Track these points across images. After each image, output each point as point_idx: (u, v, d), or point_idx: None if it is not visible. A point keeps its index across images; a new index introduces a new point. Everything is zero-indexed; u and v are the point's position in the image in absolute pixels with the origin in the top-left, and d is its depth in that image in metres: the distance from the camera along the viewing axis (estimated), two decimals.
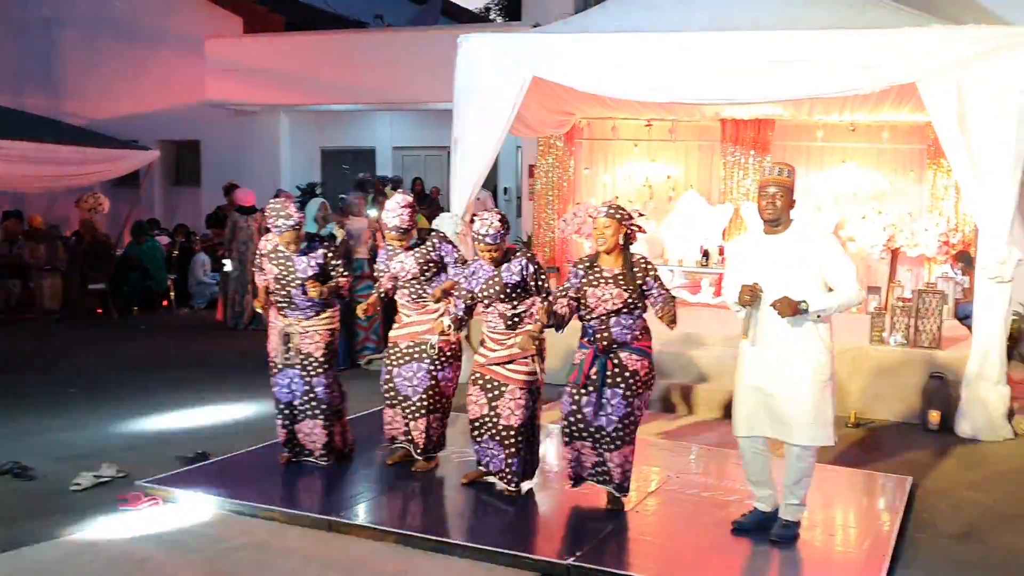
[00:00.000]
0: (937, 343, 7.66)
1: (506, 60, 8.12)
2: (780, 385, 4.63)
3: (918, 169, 10.22)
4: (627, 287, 4.93)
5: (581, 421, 5.04)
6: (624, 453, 5.05)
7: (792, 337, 4.59)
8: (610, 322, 4.96)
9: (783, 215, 4.67)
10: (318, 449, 5.84)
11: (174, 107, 16.45)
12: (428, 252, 5.67)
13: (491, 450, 5.36)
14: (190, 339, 11.11)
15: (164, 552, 4.65)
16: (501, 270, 5.24)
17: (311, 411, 5.80)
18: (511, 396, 5.26)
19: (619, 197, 11.00)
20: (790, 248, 4.62)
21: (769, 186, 4.65)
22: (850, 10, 7.86)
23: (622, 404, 4.99)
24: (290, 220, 5.57)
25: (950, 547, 4.91)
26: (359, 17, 19.36)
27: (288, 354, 5.76)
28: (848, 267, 4.58)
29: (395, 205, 5.56)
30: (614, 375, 4.98)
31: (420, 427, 5.73)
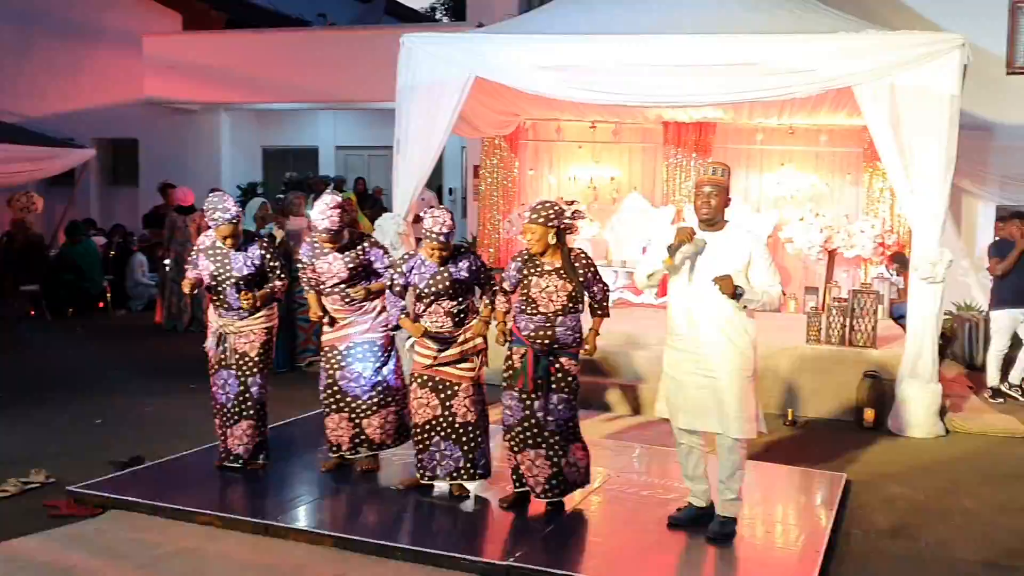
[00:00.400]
0: (872, 342, 7.81)
1: (449, 60, 8.10)
2: (711, 379, 4.72)
3: (855, 172, 10.42)
4: (570, 280, 4.93)
5: (535, 426, 4.99)
6: (578, 448, 5.11)
7: (719, 332, 4.69)
8: (556, 321, 4.94)
9: (718, 214, 4.76)
10: (249, 451, 5.72)
11: (111, 105, 16.10)
12: (358, 256, 5.58)
13: (443, 452, 5.28)
14: (126, 341, 10.90)
15: (95, 559, 4.54)
16: (449, 267, 5.18)
17: (244, 411, 5.69)
18: (465, 394, 5.24)
19: (563, 197, 11.06)
20: (722, 246, 4.73)
21: (704, 185, 4.75)
22: (789, 15, 7.98)
23: (567, 409, 5.02)
24: (227, 213, 5.45)
25: (883, 542, 5.01)
26: (302, 15, 19.18)
27: (223, 354, 5.66)
28: (774, 270, 4.75)
29: (324, 207, 5.42)
30: (558, 379, 4.98)
31: (374, 424, 5.67)
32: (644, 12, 8.16)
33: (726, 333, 4.70)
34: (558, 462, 5.01)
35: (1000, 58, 10.39)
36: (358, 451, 5.75)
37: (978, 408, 7.95)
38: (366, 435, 5.70)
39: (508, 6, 12.67)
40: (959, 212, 10.61)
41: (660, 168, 10.97)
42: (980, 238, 10.68)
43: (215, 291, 5.63)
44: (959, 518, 5.43)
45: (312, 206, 8.81)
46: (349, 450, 5.75)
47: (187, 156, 15.88)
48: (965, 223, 10.79)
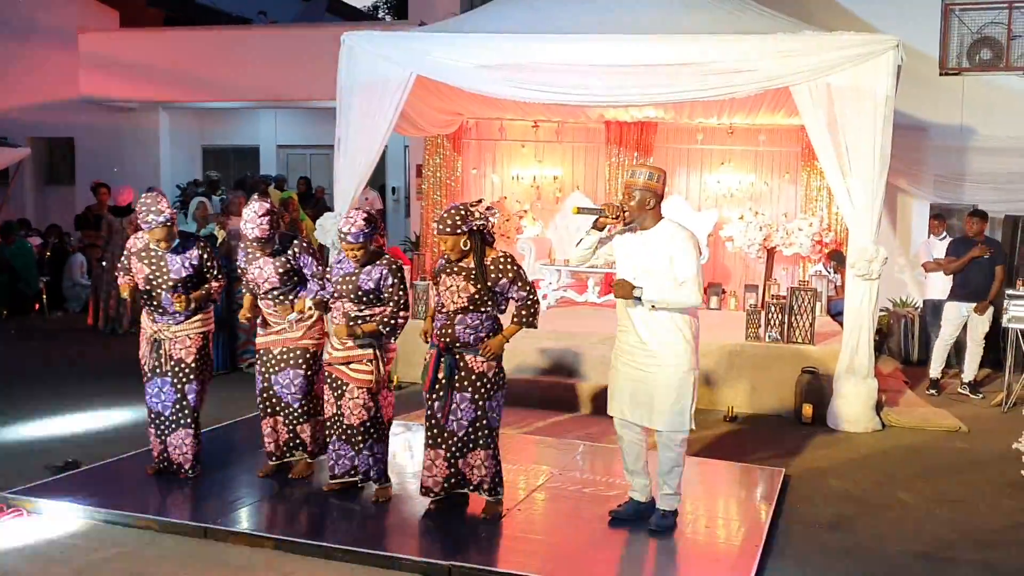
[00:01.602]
0: (810, 339, 7.95)
1: (389, 59, 8.07)
2: (646, 373, 4.77)
3: (793, 171, 10.60)
4: (476, 283, 4.83)
5: (436, 426, 4.99)
6: (480, 456, 4.99)
7: (655, 327, 4.74)
8: (455, 319, 4.88)
9: (638, 215, 4.76)
10: (188, 461, 5.56)
11: (46, 103, 15.73)
12: (288, 262, 5.43)
13: (338, 451, 5.31)
14: (62, 343, 10.66)
15: (28, 565, 4.44)
16: (361, 272, 5.12)
17: (182, 419, 5.53)
18: (351, 396, 5.21)
19: (507, 197, 11.09)
20: (649, 245, 4.77)
21: (628, 187, 4.79)
22: (728, 16, 8.09)
23: (471, 408, 4.94)
24: (161, 216, 5.25)
25: (821, 536, 5.09)
26: (242, 13, 18.98)
27: (158, 361, 5.49)
28: (690, 266, 4.66)
29: (253, 215, 5.24)
30: (461, 379, 4.93)
31: (307, 431, 5.62)
32: (586, 12, 8.21)
33: (656, 328, 4.73)
34: (456, 463, 4.98)
35: (933, 59, 10.65)
36: (292, 454, 5.68)
37: (913, 403, 8.14)
38: (301, 439, 5.64)
39: (451, 5, 12.68)
40: (894, 210, 10.87)
41: (603, 167, 11.05)
42: (915, 236, 10.94)
43: (149, 295, 5.44)
44: (895, 511, 5.54)
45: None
46: (283, 454, 5.67)
47: (125, 155, 15.58)
48: (900, 221, 11.05)
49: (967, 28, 10.63)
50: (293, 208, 11.05)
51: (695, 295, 4.68)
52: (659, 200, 4.79)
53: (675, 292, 4.67)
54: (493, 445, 5.03)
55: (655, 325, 4.73)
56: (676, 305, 4.70)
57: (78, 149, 16.13)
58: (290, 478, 5.62)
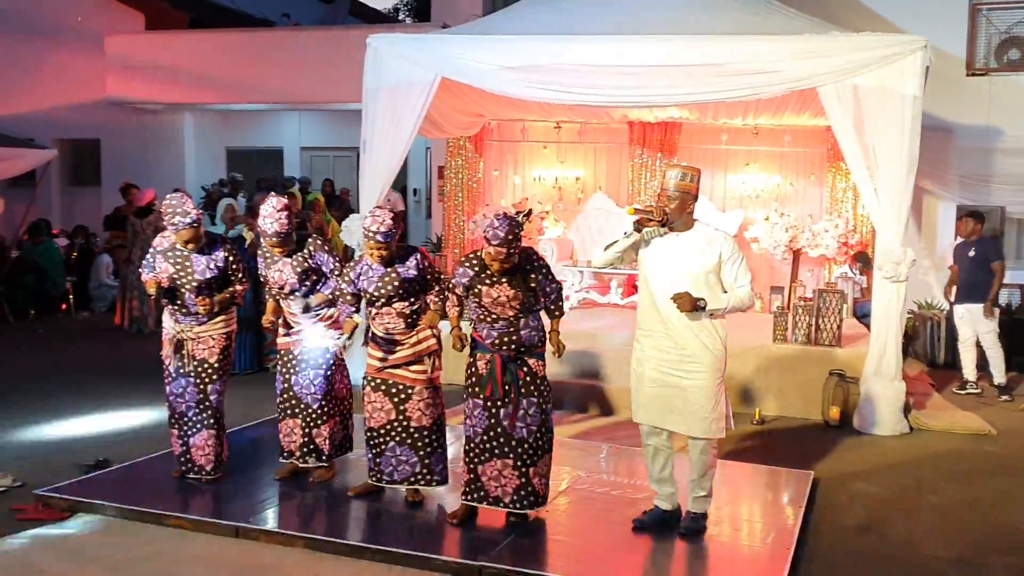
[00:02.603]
0: (837, 341, 7.91)
1: (414, 61, 8.10)
2: (681, 379, 4.71)
3: (818, 172, 10.55)
4: (520, 287, 4.79)
5: (501, 435, 4.85)
6: (546, 462, 4.96)
7: (697, 331, 4.67)
8: (519, 324, 4.83)
9: (677, 217, 4.70)
10: (211, 463, 5.53)
11: (72, 105, 15.87)
12: (304, 260, 5.42)
13: (399, 457, 5.20)
14: (90, 343, 10.76)
15: (63, 563, 4.49)
16: (396, 267, 5.10)
17: (205, 421, 5.51)
18: (419, 397, 5.16)
19: (528, 199, 11.09)
20: (691, 247, 4.69)
21: (666, 190, 4.70)
22: (754, 17, 8.06)
23: (538, 413, 4.88)
24: (187, 217, 5.23)
25: (851, 540, 5.06)
26: (266, 15, 19.05)
27: (181, 362, 5.49)
28: (745, 272, 4.69)
29: (271, 210, 5.23)
30: (527, 384, 4.87)
31: (323, 433, 5.58)
32: (610, 13, 8.21)
33: (696, 333, 4.67)
34: (526, 472, 4.87)
35: (960, 60, 10.57)
36: (307, 460, 5.62)
37: (941, 406, 8.08)
38: (315, 444, 5.59)
39: (473, 7, 12.71)
40: (920, 212, 10.79)
41: (625, 168, 11.03)
42: (940, 237, 10.86)
43: (173, 294, 5.42)
44: (926, 515, 5.50)
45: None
46: (299, 458, 5.63)
47: (150, 157, 15.72)
48: (926, 222, 10.98)
49: (995, 28, 10.55)
50: (319, 210, 11.13)
51: (752, 297, 4.74)
52: (695, 201, 4.73)
53: (734, 297, 4.66)
54: (552, 449, 5.03)
55: (697, 330, 4.67)
56: (736, 310, 4.71)
57: (104, 151, 16.27)
58: (312, 482, 5.59)
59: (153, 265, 5.47)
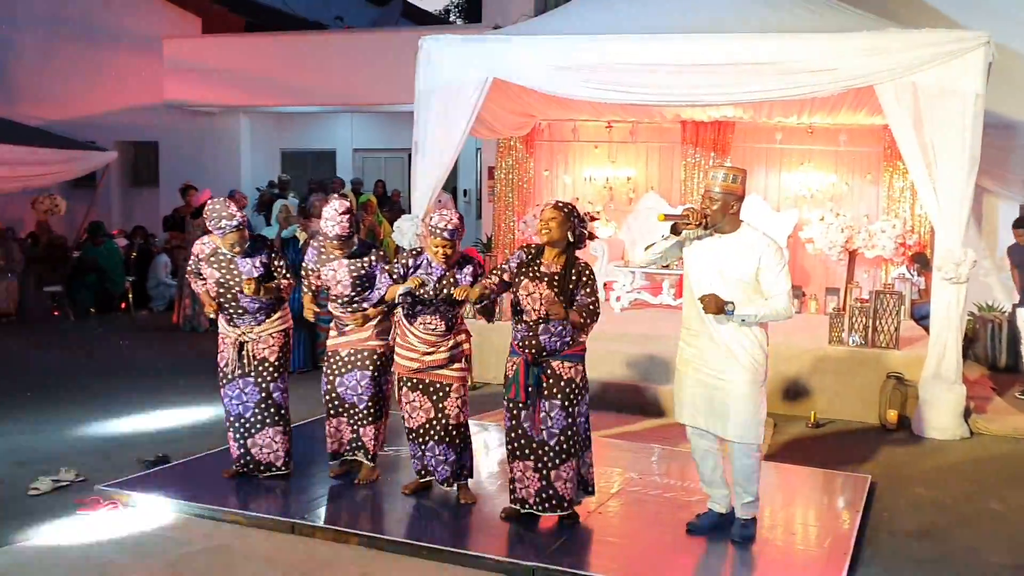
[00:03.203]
0: (894, 343, 7.78)
1: (467, 62, 8.12)
2: (721, 382, 4.66)
3: (875, 171, 10.38)
4: (559, 291, 4.75)
5: (523, 437, 4.88)
6: (571, 467, 4.85)
7: (735, 334, 4.61)
8: (538, 329, 4.79)
9: (720, 219, 4.63)
10: (281, 458, 5.61)
11: (132, 108, 16.22)
12: (363, 267, 5.44)
13: (438, 457, 5.26)
14: (149, 341, 10.97)
15: (124, 557, 4.58)
16: (455, 272, 5.14)
17: (269, 419, 5.57)
18: (457, 395, 5.23)
19: (579, 199, 11.07)
20: (733, 250, 4.62)
21: (709, 191, 4.65)
22: (810, 14, 7.96)
23: (562, 416, 4.81)
24: (233, 220, 5.26)
25: (910, 545, 4.98)
26: (319, 19, 19.28)
27: (242, 363, 5.52)
28: (782, 280, 4.57)
29: (333, 212, 5.26)
30: (550, 386, 4.82)
31: (370, 434, 5.59)
32: (662, 11, 8.16)
33: (734, 338, 4.61)
34: (547, 475, 4.83)
35: (1022, 56, 10.31)
36: (355, 455, 5.65)
37: (1002, 410, 7.90)
38: (363, 442, 5.61)
39: (524, 7, 12.72)
40: (980, 211, 10.56)
41: (678, 168, 10.95)
42: (1001, 238, 10.61)
43: (225, 299, 5.45)
44: (987, 521, 5.39)
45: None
46: (347, 452, 5.66)
47: (207, 158, 15.98)
48: (986, 223, 10.73)
49: None
50: (371, 211, 11.23)
51: (788, 308, 4.57)
52: (740, 202, 4.67)
53: (768, 306, 4.55)
54: (585, 450, 4.97)
55: (736, 333, 4.61)
56: (768, 319, 4.58)
57: (162, 152, 16.58)
58: (357, 483, 5.61)
59: (199, 272, 5.52)
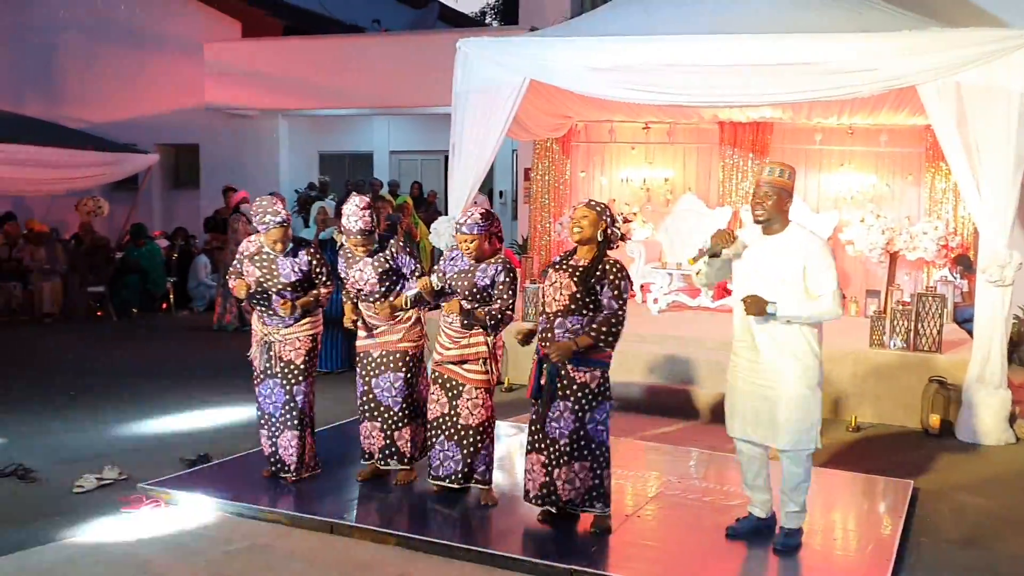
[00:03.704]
0: (937, 347, 7.67)
1: (504, 64, 8.14)
2: (770, 390, 4.57)
3: (916, 172, 10.25)
4: (580, 282, 4.69)
5: (539, 431, 4.88)
6: (575, 469, 4.80)
7: (781, 340, 4.53)
8: (555, 323, 4.75)
9: (773, 216, 4.57)
10: (294, 463, 5.60)
11: (173, 111, 16.44)
12: (386, 261, 5.44)
13: (446, 452, 5.28)
14: (190, 341, 11.11)
15: (166, 555, 4.64)
16: (477, 269, 5.17)
17: (290, 421, 5.58)
18: (469, 396, 5.23)
19: (616, 200, 11.04)
20: (780, 251, 4.55)
21: (761, 186, 4.59)
22: (849, 13, 7.87)
23: (571, 419, 4.77)
24: (278, 216, 5.32)
25: (954, 553, 4.90)
26: (357, 22, 19.38)
27: (268, 363, 5.58)
28: (830, 280, 4.46)
29: (355, 208, 5.28)
30: (563, 387, 4.78)
31: (405, 436, 5.57)
32: (697, 12, 8.11)
33: (783, 342, 4.52)
34: (551, 472, 4.83)
35: None
36: (388, 463, 5.61)
37: None
38: (397, 447, 5.58)
39: (561, 9, 12.72)
40: None
41: (716, 169, 10.89)
42: None
43: (260, 297, 5.51)
44: None
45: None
46: (380, 460, 5.63)
47: (246, 161, 16.15)
48: None
49: None
50: (408, 212, 11.28)
51: (836, 308, 4.46)
52: (791, 199, 4.61)
53: (813, 306, 4.45)
54: (591, 458, 4.83)
55: (782, 339, 4.51)
56: (815, 320, 4.49)
57: (203, 155, 16.78)
58: (395, 484, 5.62)
59: (241, 271, 5.58)
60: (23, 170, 11.97)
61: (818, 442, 4.64)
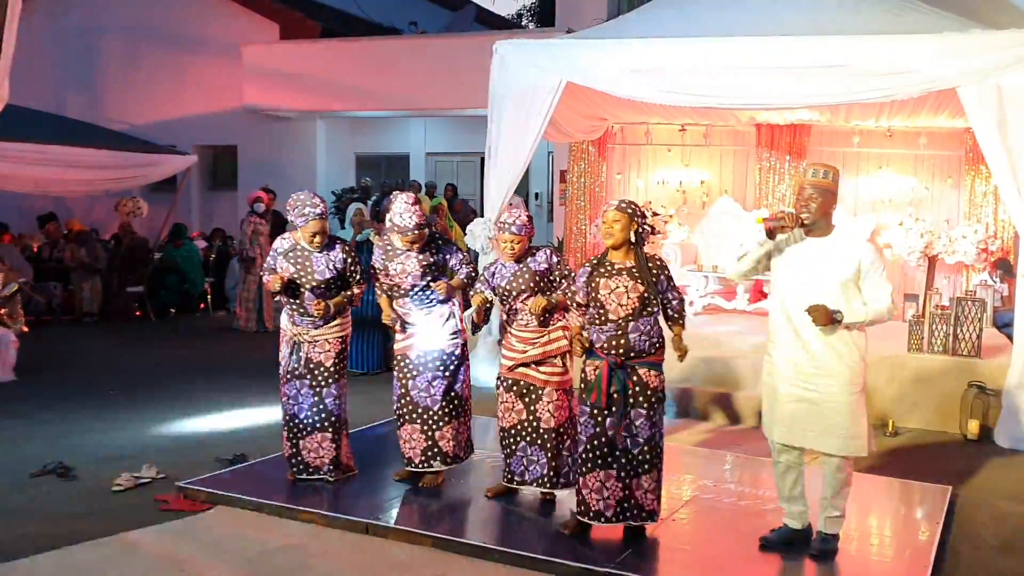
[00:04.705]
0: (976, 351, 7.57)
1: (540, 66, 8.14)
2: (816, 394, 4.51)
3: (956, 175, 10.12)
4: (642, 280, 4.69)
5: (606, 445, 4.70)
6: (653, 478, 4.78)
7: (829, 345, 4.48)
8: (628, 327, 4.66)
9: (819, 218, 4.53)
10: (325, 464, 5.58)
11: (212, 113, 16.62)
12: (432, 255, 5.46)
13: (529, 457, 5.25)
14: (227, 341, 11.22)
15: (202, 553, 4.69)
16: (528, 262, 5.20)
17: (320, 423, 5.56)
18: (549, 399, 5.20)
19: (652, 202, 11.00)
20: (829, 254, 4.50)
21: (805, 188, 4.54)
22: (888, 14, 7.79)
23: (647, 425, 4.71)
24: (317, 208, 5.33)
25: (993, 559, 4.84)
26: (394, 24, 19.46)
27: (296, 364, 5.57)
28: (885, 282, 4.47)
29: (405, 205, 5.29)
30: (635, 394, 4.70)
31: (447, 435, 5.54)
32: (735, 13, 8.06)
33: (832, 344, 4.47)
34: (629, 484, 4.72)
35: None
36: (431, 464, 5.56)
37: None
38: (439, 447, 5.54)
39: (597, 11, 12.70)
40: None
41: (752, 171, 10.81)
42: None
43: (296, 291, 5.48)
44: None
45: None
46: (421, 463, 5.58)
47: (284, 162, 16.28)
48: None
49: None
50: (442, 214, 11.33)
51: (892, 308, 4.49)
52: (836, 201, 4.59)
53: (874, 309, 4.43)
54: (660, 463, 4.84)
55: (836, 343, 4.46)
56: (875, 322, 4.48)
57: (240, 156, 16.94)
58: (421, 485, 5.59)
59: (274, 267, 5.56)
60: (64, 171, 12.15)
61: (868, 448, 4.59)
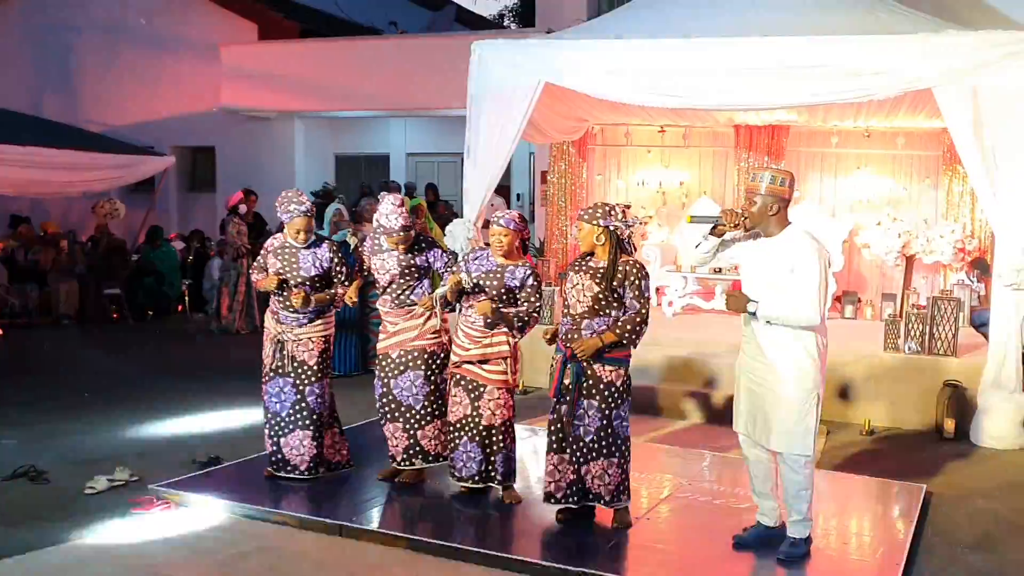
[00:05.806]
0: (952, 350, 7.61)
1: (519, 66, 8.14)
2: (762, 388, 4.56)
3: (933, 175, 10.20)
4: (601, 283, 4.78)
5: (560, 431, 4.95)
6: (603, 465, 4.87)
7: (777, 339, 4.49)
8: (582, 325, 4.82)
9: (760, 220, 4.53)
10: (305, 463, 5.60)
11: (189, 113, 16.50)
12: (414, 256, 5.49)
13: (468, 453, 5.31)
14: (204, 343, 11.15)
15: (176, 556, 4.66)
16: (504, 269, 5.22)
17: (300, 421, 5.59)
18: (490, 397, 5.26)
19: (631, 205, 11.01)
20: (773, 254, 4.52)
21: (748, 190, 4.60)
22: (865, 15, 7.84)
23: (597, 416, 4.85)
24: (303, 206, 5.43)
25: (965, 557, 4.86)
26: (373, 24, 19.40)
27: (281, 362, 5.61)
28: (809, 284, 4.37)
29: (392, 207, 5.34)
30: (588, 387, 4.85)
31: (429, 434, 5.58)
32: (713, 14, 8.09)
33: (774, 339, 4.48)
34: (578, 470, 4.90)
35: None
36: (412, 463, 5.60)
37: None
38: (421, 446, 5.58)
39: (577, 12, 12.70)
40: None
41: (731, 172, 10.86)
42: None
43: (279, 292, 5.54)
44: None
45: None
46: (403, 461, 5.62)
47: (262, 163, 16.19)
48: None
49: None
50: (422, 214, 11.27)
51: (813, 314, 4.38)
52: (784, 206, 4.53)
53: (791, 309, 4.39)
54: (618, 454, 4.91)
55: (777, 337, 4.48)
56: (792, 323, 4.42)
57: (219, 157, 16.84)
58: (399, 482, 5.63)
59: (264, 265, 5.64)
60: (40, 172, 12.07)
61: (812, 449, 4.56)
